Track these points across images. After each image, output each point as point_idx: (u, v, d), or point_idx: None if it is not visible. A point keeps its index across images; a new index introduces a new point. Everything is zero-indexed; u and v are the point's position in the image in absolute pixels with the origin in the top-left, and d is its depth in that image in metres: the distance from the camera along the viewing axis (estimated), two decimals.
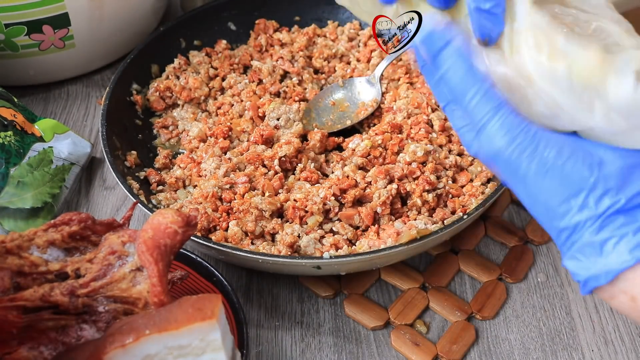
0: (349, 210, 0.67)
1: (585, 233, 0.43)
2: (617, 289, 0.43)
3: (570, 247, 0.44)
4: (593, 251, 0.43)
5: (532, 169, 0.43)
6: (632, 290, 0.42)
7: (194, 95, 0.81)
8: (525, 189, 0.44)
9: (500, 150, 0.43)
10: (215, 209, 0.68)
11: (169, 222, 0.52)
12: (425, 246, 0.63)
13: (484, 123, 0.44)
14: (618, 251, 0.42)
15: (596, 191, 0.42)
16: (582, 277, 0.43)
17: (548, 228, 0.45)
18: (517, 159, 0.43)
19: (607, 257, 0.42)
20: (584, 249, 0.43)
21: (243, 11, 0.90)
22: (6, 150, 0.70)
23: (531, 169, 0.43)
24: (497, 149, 0.43)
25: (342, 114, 0.80)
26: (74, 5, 0.80)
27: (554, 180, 0.43)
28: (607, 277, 0.42)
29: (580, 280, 0.44)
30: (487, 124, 0.43)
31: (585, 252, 0.43)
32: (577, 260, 0.43)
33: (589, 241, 0.43)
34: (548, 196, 0.43)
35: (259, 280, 0.69)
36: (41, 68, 0.86)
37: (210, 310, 0.48)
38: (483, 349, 0.63)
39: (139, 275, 0.52)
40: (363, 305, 0.66)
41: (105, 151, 0.70)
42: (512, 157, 0.43)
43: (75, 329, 0.51)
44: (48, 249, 0.52)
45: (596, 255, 0.42)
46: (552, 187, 0.43)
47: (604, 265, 0.42)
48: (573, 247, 0.44)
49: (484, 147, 0.44)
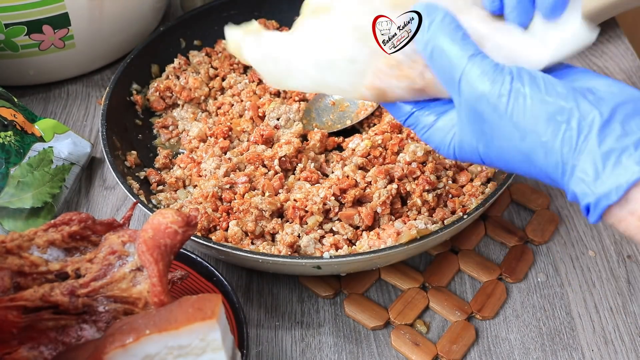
0: (349, 210, 0.67)
1: (584, 152, 0.43)
2: (626, 211, 0.42)
3: (572, 171, 0.43)
4: (596, 169, 0.42)
5: (515, 102, 0.44)
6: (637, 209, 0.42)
7: (194, 95, 0.82)
8: (514, 129, 0.45)
9: (482, 93, 0.45)
10: (215, 209, 0.68)
11: (169, 222, 0.52)
12: (425, 246, 0.63)
13: (464, 69, 0.45)
14: (623, 165, 0.41)
15: (581, 106, 0.43)
16: (592, 199, 0.43)
17: (546, 165, 0.45)
18: (499, 98, 0.44)
19: (613, 172, 0.42)
20: (586, 169, 0.43)
21: (243, 11, 0.90)
22: (6, 150, 0.70)
23: (515, 101, 0.44)
24: (480, 92, 0.45)
25: (342, 114, 0.80)
26: (74, 5, 0.80)
27: (538, 107, 0.44)
28: (618, 192, 0.41)
29: (590, 203, 0.43)
30: (468, 71, 0.45)
31: (589, 172, 0.43)
32: (583, 182, 0.43)
33: (590, 159, 0.42)
34: (536, 127, 0.44)
35: (259, 280, 0.69)
36: (41, 68, 0.86)
37: (210, 310, 0.48)
38: (483, 349, 0.63)
39: (139, 275, 0.52)
40: (363, 305, 0.66)
41: (105, 151, 0.70)
42: (494, 96, 0.45)
43: (75, 329, 0.51)
44: (48, 249, 0.52)
45: (601, 172, 0.42)
46: (538, 116, 0.44)
47: (612, 180, 0.42)
48: (575, 170, 0.43)
49: (466, 94, 0.46)
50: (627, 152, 0.42)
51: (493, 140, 0.46)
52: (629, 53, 0.94)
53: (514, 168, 0.48)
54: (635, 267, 0.69)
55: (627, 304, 0.66)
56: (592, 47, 0.96)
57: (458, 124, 0.49)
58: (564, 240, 0.72)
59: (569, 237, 0.72)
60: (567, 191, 0.45)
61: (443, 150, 0.51)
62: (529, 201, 0.75)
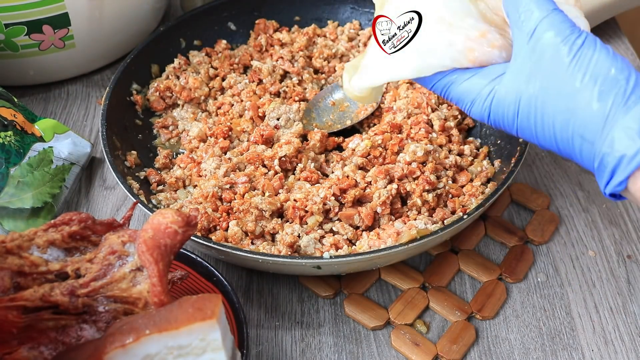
0: (349, 210, 0.67)
1: (634, 108, 0.45)
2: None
3: (614, 124, 0.45)
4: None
5: (583, 55, 0.47)
6: None
7: (194, 95, 0.82)
8: (572, 78, 0.47)
9: (558, 40, 0.47)
10: (215, 209, 0.68)
11: (169, 222, 0.52)
12: (425, 246, 0.63)
13: (547, 15, 0.48)
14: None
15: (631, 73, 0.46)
16: (632, 149, 0.44)
17: (590, 116, 0.46)
18: (571, 47, 0.47)
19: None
20: (631, 123, 0.44)
21: (243, 11, 0.90)
22: (6, 150, 0.70)
23: (582, 55, 0.47)
24: (555, 40, 0.48)
25: (342, 114, 0.80)
26: (74, 5, 0.80)
27: (602, 62, 0.46)
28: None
29: (625, 155, 0.44)
30: (551, 17, 0.48)
31: (633, 125, 0.44)
32: (626, 132, 0.45)
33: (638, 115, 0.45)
34: (594, 81, 0.46)
35: (259, 280, 0.69)
36: (41, 68, 0.86)
37: (211, 310, 0.48)
38: (483, 349, 0.63)
39: (139, 275, 0.52)
40: (363, 305, 0.66)
41: (105, 151, 0.70)
42: (560, 49, 0.47)
43: (75, 329, 0.51)
44: (48, 249, 0.52)
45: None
46: (599, 71, 0.46)
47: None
48: (619, 123, 0.45)
49: (542, 38, 0.48)
50: None
51: (544, 90, 0.48)
52: (629, 53, 0.94)
53: (548, 125, 0.49)
54: (635, 267, 0.69)
55: (627, 304, 0.66)
56: None
57: (509, 73, 0.51)
58: (564, 240, 0.72)
59: (569, 237, 0.72)
60: (602, 145, 0.46)
61: (477, 104, 0.53)
62: (529, 201, 0.75)
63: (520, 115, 0.50)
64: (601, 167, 0.47)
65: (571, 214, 0.74)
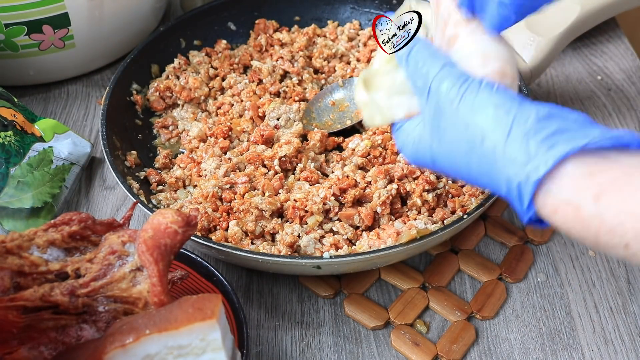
0: (349, 210, 0.67)
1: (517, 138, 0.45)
2: (558, 200, 0.43)
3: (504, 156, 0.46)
4: (528, 152, 0.44)
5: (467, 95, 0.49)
6: (571, 197, 0.43)
7: (194, 95, 0.82)
8: (462, 120, 0.48)
9: (445, 91, 0.50)
10: (215, 209, 0.68)
11: (169, 222, 0.52)
12: (425, 246, 0.63)
13: (437, 74, 0.51)
14: (553, 147, 0.43)
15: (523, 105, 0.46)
16: (521, 176, 0.44)
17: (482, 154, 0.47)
18: (457, 93, 0.49)
19: (543, 153, 0.43)
20: (516, 153, 0.45)
21: (243, 11, 0.90)
22: (6, 150, 0.70)
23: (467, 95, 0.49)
24: (444, 90, 0.50)
25: (342, 114, 0.80)
26: (74, 5, 0.80)
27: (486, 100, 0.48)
28: (547, 164, 0.43)
29: (520, 182, 0.44)
30: (440, 75, 0.51)
31: (519, 156, 0.45)
32: (513, 163, 0.45)
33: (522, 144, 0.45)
34: (479, 116, 0.47)
35: (259, 280, 0.69)
36: (41, 68, 0.86)
37: (210, 310, 0.48)
38: (483, 349, 0.63)
39: (139, 275, 0.52)
40: (363, 305, 0.66)
41: (105, 151, 0.70)
42: (451, 95, 0.49)
43: (75, 329, 0.51)
44: (48, 249, 0.52)
45: (532, 155, 0.44)
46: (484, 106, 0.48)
47: (540, 158, 0.43)
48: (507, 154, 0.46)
49: (434, 93, 0.51)
50: (557, 137, 0.44)
51: (446, 132, 0.50)
52: (629, 53, 0.94)
53: (456, 163, 0.50)
54: (635, 267, 0.69)
55: (627, 304, 0.66)
56: (592, 47, 0.96)
57: (422, 123, 0.53)
58: (564, 240, 0.72)
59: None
60: (500, 180, 0.46)
61: (407, 148, 0.55)
62: None
63: (435, 159, 0.52)
64: (510, 195, 0.46)
65: None
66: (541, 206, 0.44)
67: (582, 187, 0.42)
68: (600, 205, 0.41)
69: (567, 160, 0.43)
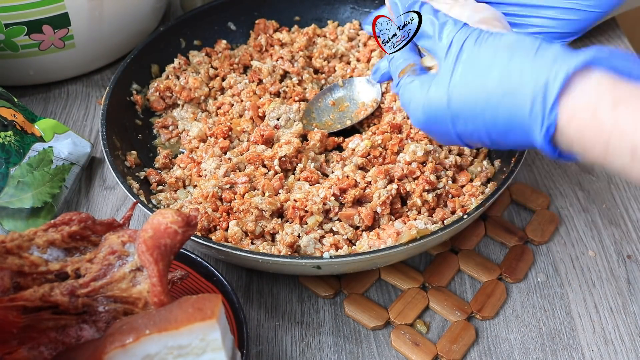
0: (349, 210, 0.67)
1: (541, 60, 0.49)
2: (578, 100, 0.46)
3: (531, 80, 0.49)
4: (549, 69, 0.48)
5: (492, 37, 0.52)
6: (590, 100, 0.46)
7: (194, 95, 0.82)
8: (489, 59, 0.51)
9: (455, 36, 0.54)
10: (215, 209, 0.68)
11: (169, 222, 0.52)
12: (425, 246, 0.63)
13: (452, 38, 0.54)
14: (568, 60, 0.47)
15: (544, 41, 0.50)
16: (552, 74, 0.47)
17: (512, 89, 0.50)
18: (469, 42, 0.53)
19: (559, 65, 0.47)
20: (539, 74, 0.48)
21: (243, 11, 0.90)
22: (6, 150, 0.70)
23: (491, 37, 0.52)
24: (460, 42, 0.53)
25: (342, 114, 0.80)
26: (74, 5, 0.80)
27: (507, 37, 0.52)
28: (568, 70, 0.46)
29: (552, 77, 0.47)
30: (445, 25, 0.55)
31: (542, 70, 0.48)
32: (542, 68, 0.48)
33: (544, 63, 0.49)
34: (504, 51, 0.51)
35: (259, 280, 0.69)
36: (41, 68, 0.86)
37: (210, 310, 0.48)
38: (483, 349, 0.63)
39: (139, 275, 0.52)
40: (363, 305, 0.66)
41: (105, 151, 0.70)
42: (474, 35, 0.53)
43: (75, 329, 0.51)
44: (48, 249, 0.52)
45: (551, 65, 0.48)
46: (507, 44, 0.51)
47: (558, 67, 0.47)
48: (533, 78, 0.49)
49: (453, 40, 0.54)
50: (586, 49, 0.47)
51: (466, 77, 0.52)
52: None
53: (477, 93, 0.52)
54: (635, 267, 0.69)
55: (627, 304, 0.66)
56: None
57: (438, 74, 0.55)
58: (564, 240, 0.72)
59: (569, 237, 0.72)
60: (526, 89, 0.48)
61: (415, 101, 0.57)
62: (529, 201, 0.75)
63: (451, 109, 0.54)
64: (534, 105, 0.48)
65: (571, 214, 0.74)
66: (562, 109, 0.47)
67: (603, 93, 0.45)
68: (617, 112, 0.44)
69: (593, 68, 0.46)
